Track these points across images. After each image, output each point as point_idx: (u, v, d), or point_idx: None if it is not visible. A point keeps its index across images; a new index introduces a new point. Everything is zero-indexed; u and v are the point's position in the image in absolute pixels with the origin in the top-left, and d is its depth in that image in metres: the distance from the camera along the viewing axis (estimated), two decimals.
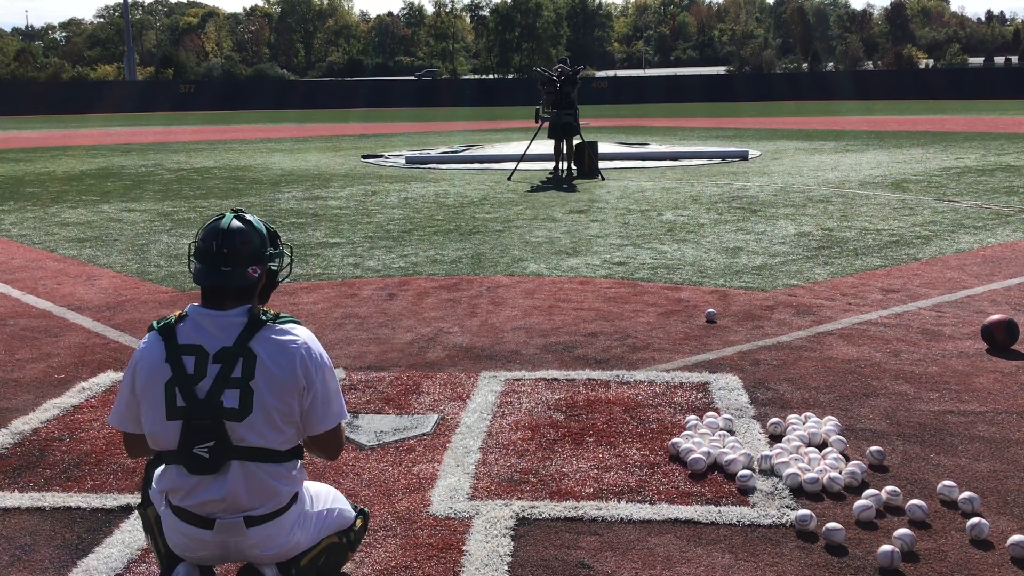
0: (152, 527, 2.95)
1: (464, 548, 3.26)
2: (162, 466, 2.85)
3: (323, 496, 3.06)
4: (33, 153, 24.40)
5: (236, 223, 2.86)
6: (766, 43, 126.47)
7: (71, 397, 4.93)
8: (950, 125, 30.95)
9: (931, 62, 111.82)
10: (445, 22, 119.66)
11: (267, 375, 2.75)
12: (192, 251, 2.89)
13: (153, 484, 2.91)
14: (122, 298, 7.29)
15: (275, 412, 2.76)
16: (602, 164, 16.82)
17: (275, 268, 2.99)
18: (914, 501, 3.47)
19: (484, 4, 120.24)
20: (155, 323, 2.86)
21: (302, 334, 2.85)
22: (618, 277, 7.77)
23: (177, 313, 2.87)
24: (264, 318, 2.83)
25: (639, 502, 3.60)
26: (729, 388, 4.91)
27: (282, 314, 2.91)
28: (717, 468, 3.88)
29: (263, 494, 2.79)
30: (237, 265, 2.82)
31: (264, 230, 2.93)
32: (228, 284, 2.82)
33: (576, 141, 16.67)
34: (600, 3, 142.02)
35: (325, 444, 2.91)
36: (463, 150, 23.05)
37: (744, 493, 3.67)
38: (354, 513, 3.15)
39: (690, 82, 73.95)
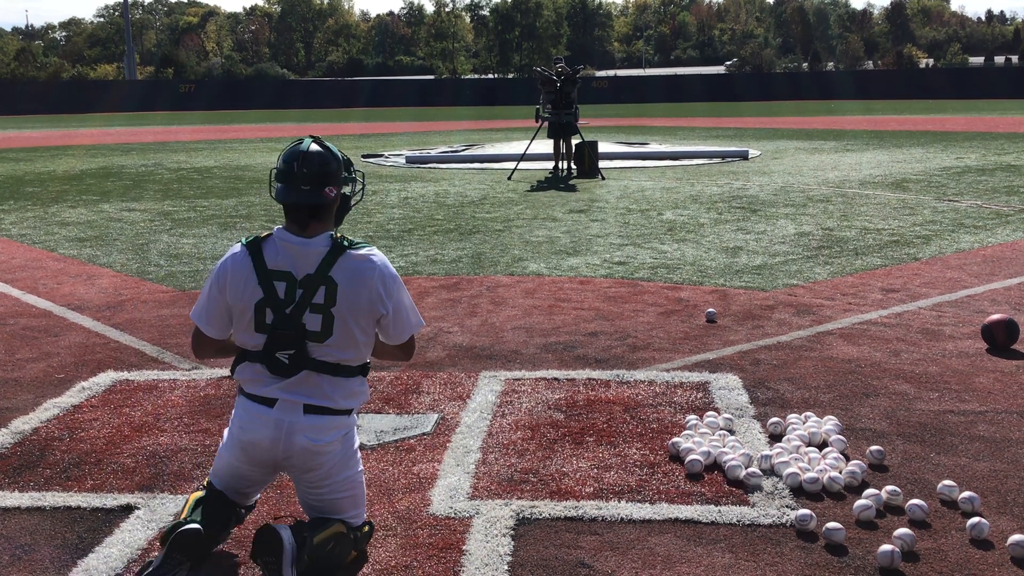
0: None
1: (464, 548, 3.26)
2: (244, 363, 3.15)
3: (359, 472, 3.26)
4: (33, 153, 24.40)
5: (315, 147, 3.11)
6: (766, 43, 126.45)
7: (71, 397, 4.92)
8: (950, 125, 30.95)
9: (931, 61, 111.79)
10: (445, 22, 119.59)
11: (347, 301, 3.05)
12: (273, 175, 3.14)
13: (233, 373, 3.20)
14: (122, 298, 7.29)
15: (354, 332, 3.08)
16: (602, 164, 16.82)
17: (347, 193, 3.27)
18: (914, 501, 3.47)
19: (484, 4, 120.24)
20: (243, 239, 3.14)
21: (376, 259, 3.12)
22: (618, 277, 7.77)
23: (264, 234, 3.14)
24: (344, 244, 3.10)
25: (639, 502, 3.60)
26: (729, 388, 4.91)
27: (355, 240, 3.16)
28: (717, 468, 3.88)
29: (323, 396, 3.10)
30: (315, 184, 3.06)
31: (340, 156, 3.17)
32: (307, 202, 3.06)
33: (576, 141, 16.67)
34: (600, 3, 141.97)
35: (401, 351, 3.30)
36: (463, 150, 23.05)
37: (744, 493, 3.67)
38: (365, 517, 3.31)
39: (690, 82, 73.94)
